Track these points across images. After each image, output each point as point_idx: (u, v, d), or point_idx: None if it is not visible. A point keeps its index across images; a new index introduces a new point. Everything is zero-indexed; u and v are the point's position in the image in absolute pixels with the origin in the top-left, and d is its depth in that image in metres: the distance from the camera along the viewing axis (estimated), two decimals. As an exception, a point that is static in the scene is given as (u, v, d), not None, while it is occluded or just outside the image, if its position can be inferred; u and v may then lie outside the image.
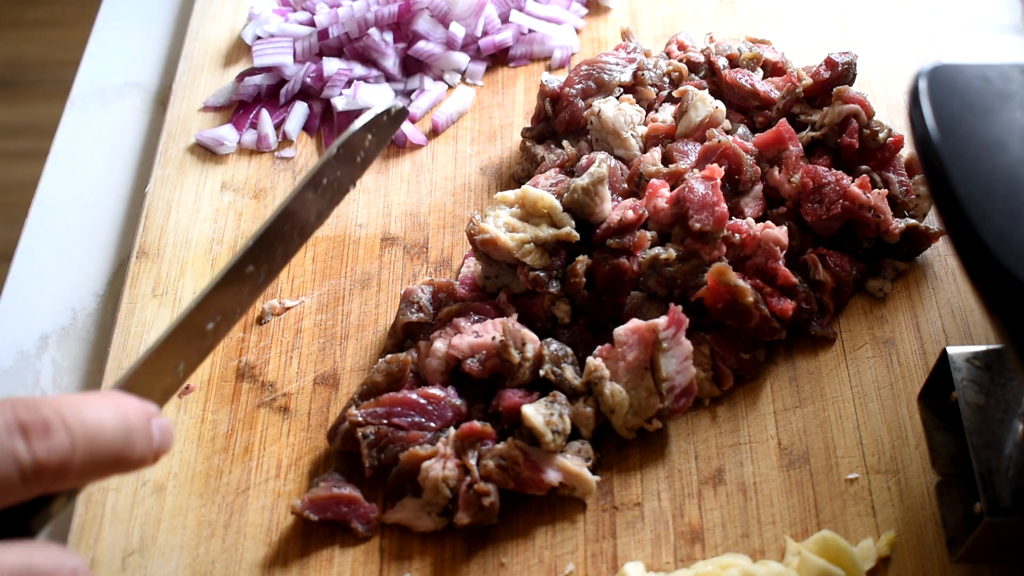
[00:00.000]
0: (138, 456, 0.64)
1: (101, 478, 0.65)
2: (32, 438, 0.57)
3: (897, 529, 0.80)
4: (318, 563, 0.82)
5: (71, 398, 0.62)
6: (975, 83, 0.65)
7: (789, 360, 0.90)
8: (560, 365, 0.85)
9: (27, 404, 0.58)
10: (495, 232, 0.87)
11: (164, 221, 1.02)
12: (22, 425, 0.57)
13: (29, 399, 0.59)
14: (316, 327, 0.95)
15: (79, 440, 0.60)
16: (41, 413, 0.59)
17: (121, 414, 0.64)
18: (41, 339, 0.98)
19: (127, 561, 0.82)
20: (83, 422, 0.61)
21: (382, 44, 1.11)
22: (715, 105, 0.97)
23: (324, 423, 0.89)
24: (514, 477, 0.81)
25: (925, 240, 0.93)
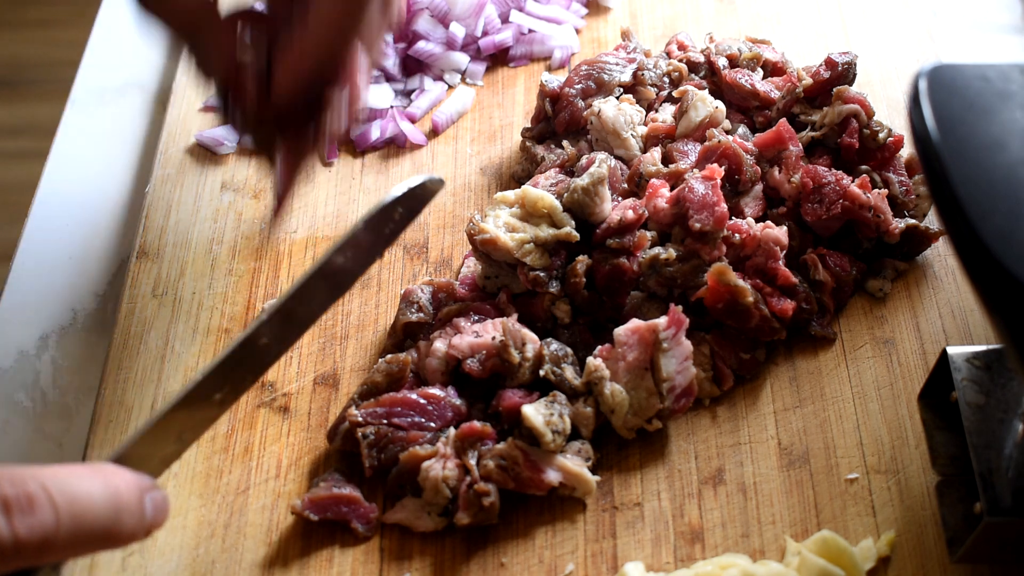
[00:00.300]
0: (127, 533, 0.63)
1: (87, 554, 0.64)
2: (14, 514, 0.56)
3: (897, 529, 0.80)
4: (318, 563, 0.82)
5: (59, 470, 0.60)
6: (975, 83, 0.65)
7: (789, 360, 0.90)
8: (560, 365, 0.85)
9: (11, 477, 0.57)
10: (495, 232, 0.87)
11: (164, 221, 1.02)
12: (4, 500, 0.56)
13: (15, 471, 0.57)
14: (316, 327, 0.95)
15: (64, 517, 0.58)
16: (26, 488, 0.57)
17: (112, 490, 0.62)
18: (41, 339, 0.98)
19: (127, 561, 0.82)
20: (70, 498, 0.59)
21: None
22: (715, 105, 0.97)
23: (324, 423, 0.89)
24: (514, 477, 0.81)
25: (925, 240, 0.93)
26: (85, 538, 0.60)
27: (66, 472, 0.60)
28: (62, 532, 0.58)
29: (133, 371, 0.92)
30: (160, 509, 0.67)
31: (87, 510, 0.60)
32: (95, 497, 0.60)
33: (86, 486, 0.60)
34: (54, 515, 0.58)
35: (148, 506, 0.65)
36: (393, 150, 1.08)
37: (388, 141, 1.08)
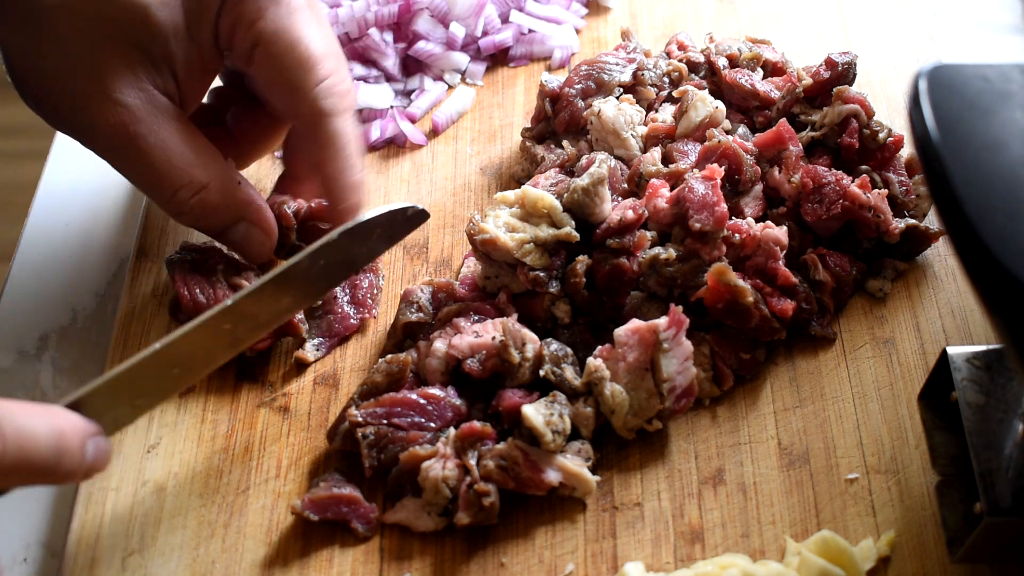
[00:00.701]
0: (65, 471, 0.69)
1: (26, 485, 0.70)
2: None
3: (897, 529, 0.80)
4: (318, 563, 0.82)
5: (11, 405, 0.66)
6: (975, 83, 0.65)
7: (789, 360, 0.90)
8: (560, 365, 0.85)
9: None
10: (495, 232, 0.87)
11: (164, 221, 1.02)
12: None
13: None
14: (316, 327, 0.95)
15: (11, 446, 0.64)
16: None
17: (57, 430, 0.68)
18: (41, 339, 0.98)
19: (127, 561, 0.82)
20: (17, 430, 0.65)
21: (382, 44, 1.11)
22: (715, 105, 0.97)
23: (324, 423, 0.89)
24: (514, 477, 0.81)
25: (925, 240, 0.93)
26: (27, 468, 0.66)
27: (17, 407, 0.66)
28: (7, 459, 0.64)
29: (133, 371, 0.92)
30: (101, 454, 0.72)
31: (31, 443, 0.66)
32: (40, 433, 0.67)
33: (33, 422, 0.67)
34: (1, 441, 0.64)
35: (90, 449, 0.71)
36: (393, 150, 1.08)
37: (388, 141, 1.08)
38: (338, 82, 0.86)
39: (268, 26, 0.83)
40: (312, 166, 0.90)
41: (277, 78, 0.85)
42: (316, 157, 0.88)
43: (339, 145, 0.88)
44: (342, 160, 0.88)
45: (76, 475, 0.70)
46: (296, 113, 0.87)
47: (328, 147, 0.87)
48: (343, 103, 0.87)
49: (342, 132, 0.88)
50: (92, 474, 0.72)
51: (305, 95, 0.85)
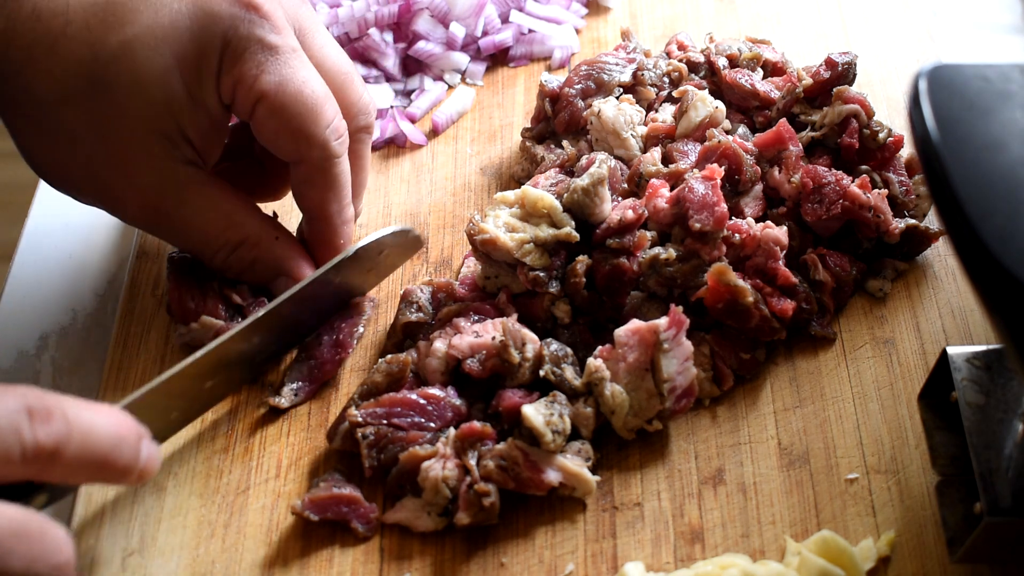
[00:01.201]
0: (123, 465, 0.70)
1: (86, 480, 0.72)
2: (36, 421, 0.64)
3: (897, 529, 0.80)
4: (318, 563, 0.82)
5: (73, 399, 0.68)
6: (975, 83, 0.65)
7: (789, 360, 0.90)
8: (560, 365, 0.85)
9: (36, 393, 0.65)
10: (495, 232, 0.87)
11: (164, 221, 1.02)
12: (29, 409, 0.64)
13: (38, 390, 0.66)
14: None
15: (75, 433, 0.66)
16: (46, 403, 0.65)
17: (115, 423, 0.70)
18: (41, 339, 0.98)
19: (127, 561, 0.82)
20: (80, 419, 0.67)
21: (382, 44, 1.11)
22: (715, 105, 0.97)
23: (324, 423, 0.89)
24: (514, 477, 0.81)
25: (925, 240, 0.93)
26: (88, 458, 0.67)
27: (79, 401, 0.69)
28: (71, 446, 0.66)
29: (133, 371, 0.92)
30: (152, 459, 0.73)
31: (93, 432, 0.67)
32: (100, 424, 0.68)
33: (94, 414, 0.69)
34: (67, 428, 0.66)
35: (144, 450, 0.72)
36: (393, 150, 1.08)
37: (388, 141, 1.08)
38: (340, 123, 0.87)
39: (270, 80, 0.82)
40: (309, 205, 0.90)
41: (283, 128, 0.85)
42: (318, 198, 0.89)
43: (340, 184, 0.89)
44: (342, 199, 0.89)
45: (131, 473, 0.71)
46: (303, 159, 0.87)
47: (332, 188, 0.88)
48: (344, 143, 0.88)
49: (345, 171, 0.89)
50: (144, 478, 0.72)
51: (315, 141, 0.85)
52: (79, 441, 0.66)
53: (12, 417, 0.63)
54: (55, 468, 0.66)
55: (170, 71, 0.81)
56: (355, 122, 0.91)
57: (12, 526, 0.62)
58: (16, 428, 0.63)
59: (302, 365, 0.90)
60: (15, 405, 0.64)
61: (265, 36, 0.82)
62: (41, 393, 0.66)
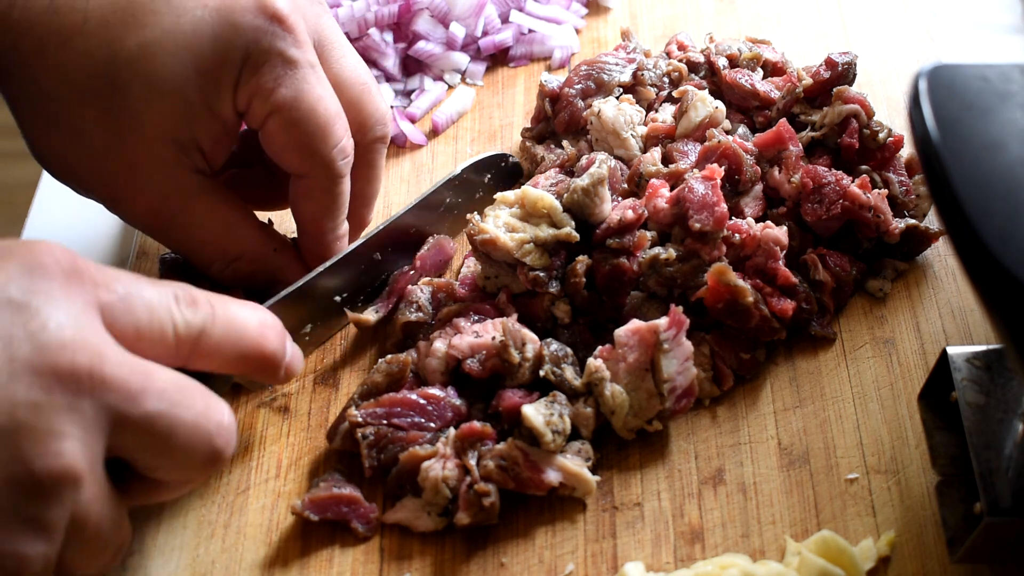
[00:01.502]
0: (270, 353, 0.74)
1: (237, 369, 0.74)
2: (182, 304, 0.69)
3: (897, 529, 0.80)
4: (318, 563, 0.82)
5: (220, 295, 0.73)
6: (975, 83, 0.65)
7: (789, 360, 0.90)
8: (560, 365, 0.85)
9: (184, 286, 0.71)
10: (495, 232, 0.87)
11: (164, 221, 1.02)
12: (176, 295, 0.69)
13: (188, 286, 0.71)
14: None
15: (219, 317, 0.71)
16: (192, 292, 0.71)
17: (259, 315, 0.75)
18: (41, 339, 0.98)
19: (127, 561, 0.82)
20: (225, 306, 0.72)
21: (382, 44, 1.11)
22: (715, 105, 0.97)
23: (324, 423, 0.89)
24: (514, 477, 0.81)
25: (925, 240, 0.93)
26: (235, 343, 0.72)
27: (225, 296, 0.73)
28: (217, 329, 0.71)
29: (133, 371, 0.92)
30: (296, 358, 0.78)
31: (238, 319, 0.72)
32: (245, 314, 0.73)
33: (240, 306, 0.74)
34: (211, 312, 0.71)
35: (288, 346, 0.77)
36: (393, 150, 1.08)
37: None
38: (348, 143, 0.87)
39: (285, 95, 0.82)
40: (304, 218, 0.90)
41: (292, 143, 0.84)
42: (314, 213, 0.89)
43: (338, 203, 0.89)
44: (337, 216, 0.90)
45: (278, 366, 0.75)
46: (307, 175, 0.87)
47: (329, 205, 0.88)
48: (349, 163, 0.88)
49: (344, 191, 0.89)
50: (290, 376, 0.77)
51: (321, 160, 0.85)
52: (224, 325, 0.71)
53: (163, 300, 0.68)
54: (204, 352, 0.70)
55: (188, 78, 0.80)
56: (371, 133, 0.90)
57: (182, 383, 0.67)
58: (167, 309, 0.68)
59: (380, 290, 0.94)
60: (167, 291, 0.69)
61: (286, 50, 0.81)
62: (189, 286, 0.71)
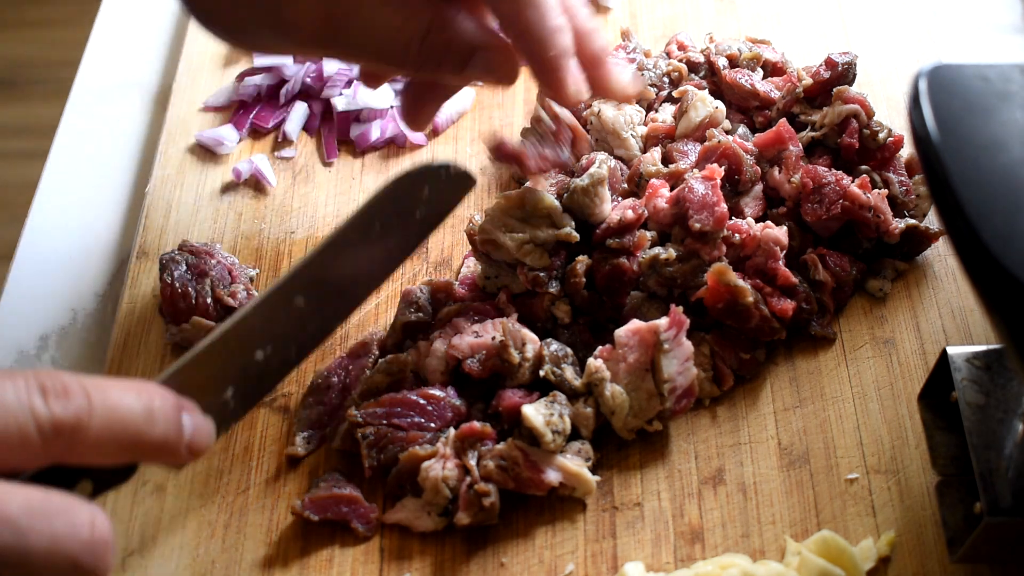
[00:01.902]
0: (160, 438, 0.65)
1: (123, 458, 0.65)
2: (50, 397, 0.60)
3: (897, 529, 0.80)
4: (318, 563, 0.82)
5: (96, 377, 0.64)
6: (975, 83, 0.65)
7: (789, 360, 0.90)
8: (560, 365, 0.85)
9: (50, 372, 0.61)
10: (495, 232, 0.87)
11: (164, 221, 1.02)
12: (42, 386, 0.60)
13: (55, 371, 0.62)
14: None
15: (97, 406, 0.61)
16: (62, 380, 0.61)
17: (145, 396, 0.65)
18: (41, 339, 0.98)
19: (127, 561, 0.82)
20: (103, 392, 0.62)
21: (382, 44, 1.11)
22: (715, 105, 0.97)
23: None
24: (514, 477, 0.81)
25: (925, 240, 0.93)
26: (118, 433, 0.62)
27: (103, 378, 0.64)
28: (95, 420, 0.61)
29: (133, 371, 0.92)
30: (201, 431, 0.68)
31: (120, 406, 0.63)
32: (127, 397, 0.63)
33: (120, 389, 0.64)
34: (87, 401, 0.61)
35: (187, 423, 0.67)
36: (393, 150, 1.08)
37: (388, 141, 1.08)
38: None
39: None
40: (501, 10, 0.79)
41: None
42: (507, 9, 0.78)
43: None
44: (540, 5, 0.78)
45: (177, 448, 0.66)
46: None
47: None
48: None
49: None
50: (196, 452, 0.67)
51: None
52: (102, 415, 0.62)
53: (24, 395, 0.59)
54: (81, 447, 0.61)
55: None
56: None
57: (28, 503, 0.58)
58: (29, 406, 0.59)
59: (310, 411, 0.88)
60: (27, 384, 0.60)
61: None
62: (58, 372, 0.62)
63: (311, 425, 0.88)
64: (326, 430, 0.87)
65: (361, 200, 1.03)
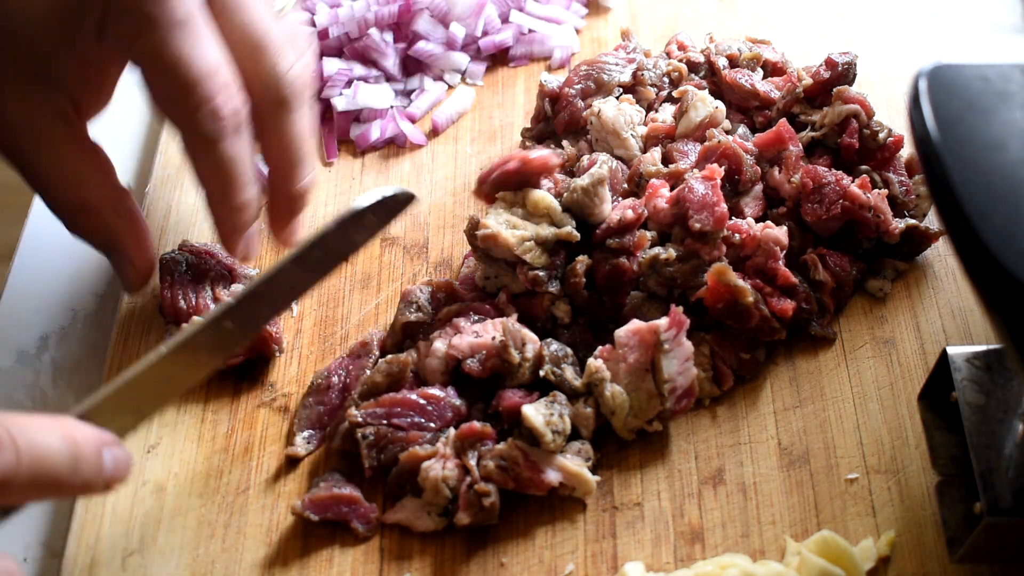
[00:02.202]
0: (81, 481, 0.67)
1: (42, 499, 0.68)
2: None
3: (897, 529, 0.80)
4: (318, 563, 0.82)
5: (21, 418, 0.65)
6: (975, 83, 0.65)
7: (789, 360, 0.90)
8: (560, 366, 0.85)
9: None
10: (496, 228, 0.87)
11: (164, 221, 1.02)
12: None
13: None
14: (316, 327, 0.95)
15: (24, 459, 0.63)
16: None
17: (70, 440, 0.67)
18: (41, 339, 0.98)
19: (127, 561, 0.82)
20: (30, 442, 0.64)
21: (382, 44, 1.11)
22: (715, 105, 0.97)
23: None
24: (514, 477, 0.81)
25: (925, 240, 0.93)
26: (43, 482, 0.65)
27: (28, 420, 0.65)
28: (21, 473, 0.63)
29: (133, 371, 0.92)
30: (121, 465, 0.71)
31: (46, 455, 0.64)
32: (53, 445, 0.65)
33: (46, 435, 0.65)
34: (15, 456, 0.63)
35: (107, 459, 0.69)
36: (393, 150, 1.08)
37: (388, 141, 1.08)
38: (223, 102, 0.80)
39: (144, 50, 0.79)
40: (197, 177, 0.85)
41: (158, 97, 0.81)
42: (202, 173, 0.83)
43: (227, 169, 0.82)
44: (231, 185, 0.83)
45: (96, 486, 0.69)
46: (182, 131, 0.82)
47: (215, 168, 0.82)
48: (228, 126, 0.80)
49: (233, 157, 0.82)
50: (113, 485, 0.70)
51: (187, 118, 0.80)
52: (29, 466, 0.63)
53: None
54: (9, 495, 0.64)
55: (50, 16, 0.78)
56: (267, 94, 0.84)
57: None
58: None
59: (310, 411, 0.88)
60: None
61: (143, 6, 0.77)
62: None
63: (311, 425, 0.88)
64: (326, 430, 0.87)
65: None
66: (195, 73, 0.79)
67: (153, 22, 0.78)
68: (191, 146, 0.82)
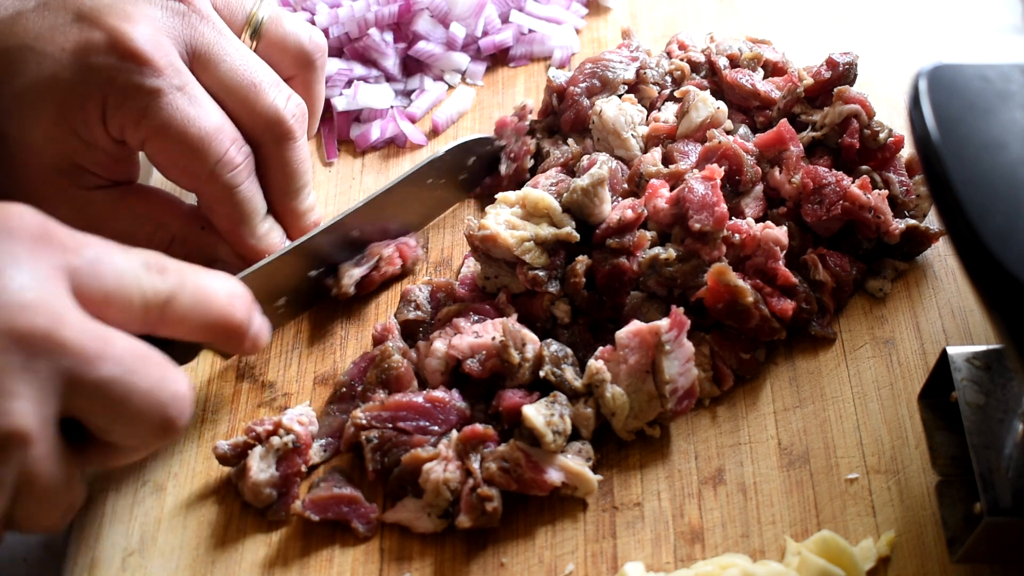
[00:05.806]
0: (237, 322, 0.74)
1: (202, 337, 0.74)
2: (151, 271, 0.69)
3: (897, 529, 0.80)
4: (318, 563, 0.82)
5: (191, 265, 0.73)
6: (975, 83, 0.65)
7: (789, 360, 0.90)
8: (560, 366, 0.85)
9: (154, 253, 0.71)
10: (496, 228, 0.87)
11: (164, 221, 1.02)
12: (147, 263, 0.70)
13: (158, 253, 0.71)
14: (316, 327, 0.95)
15: (188, 285, 0.71)
16: (161, 260, 0.71)
17: (229, 285, 0.75)
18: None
19: (127, 561, 0.82)
20: (195, 275, 0.72)
21: (382, 44, 1.11)
22: (716, 106, 0.97)
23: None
24: (517, 478, 0.81)
25: (925, 240, 0.93)
26: (202, 311, 0.72)
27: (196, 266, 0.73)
28: (184, 297, 0.71)
29: (133, 371, 0.92)
30: (263, 330, 0.78)
31: (207, 288, 0.73)
32: (214, 283, 0.74)
33: (210, 276, 0.74)
34: (180, 280, 0.71)
35: (256, 318, 0.77)
36: (393, 150, 1.08)
37: (388, 141, 1.08)
38: (232, 154, 0.85)
39: (152, 124, 0.82)
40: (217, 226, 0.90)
41: (172, 165, 0.86)
42: (222, 222, 0.89)
43: (244, 210, 0.88)
44: (249, 223, 0.89)
45: (245, 336, 0.75)
46: (198, 191, 0.88)
47: (234, 214, 0.88)
48: (241, 172, 0.87)
49: (247, 198, 0.88)
50: (257, 347, 0.77)
51: (204, 178, 0.85)
52: (192, 294, 0.71)
53: (132, 267, 0.68)
54: (171, 319, 0.70)
55: (56, 123, 0.82)
56: (268, 132, 0.88)
57: (140, 351, 0.66)
58: (135, 276, 0.68)
59: (333, 419, 0.88)
60: (137, 258, 0.69)
61: (144, 82, 0.82)
62: (159, 254, 0.71)
63: (331, 433, 0.88)
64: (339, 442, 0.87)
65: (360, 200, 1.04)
66: (205, 133, 0.84)
67: (158, 93, 0.82)
68: (209, 199, 0.88)
